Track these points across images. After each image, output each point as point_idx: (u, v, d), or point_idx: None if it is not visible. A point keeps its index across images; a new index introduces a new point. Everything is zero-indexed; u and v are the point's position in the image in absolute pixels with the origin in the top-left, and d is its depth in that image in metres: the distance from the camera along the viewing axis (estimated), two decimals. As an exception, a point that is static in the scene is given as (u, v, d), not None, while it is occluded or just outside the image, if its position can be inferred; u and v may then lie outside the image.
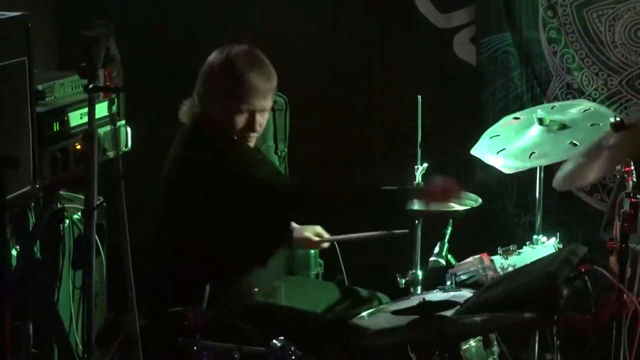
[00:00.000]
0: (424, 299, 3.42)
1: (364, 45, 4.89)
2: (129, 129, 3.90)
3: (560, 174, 3.69)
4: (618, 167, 3.48)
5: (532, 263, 3.81)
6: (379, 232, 4.06)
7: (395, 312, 3.49)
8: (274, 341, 3.19)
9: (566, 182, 3.79)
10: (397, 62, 4.94)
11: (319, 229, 4.03)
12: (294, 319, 3.68)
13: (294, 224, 3.95)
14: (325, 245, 4.08)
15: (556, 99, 4.67)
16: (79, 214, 3.99)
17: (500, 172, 4.18)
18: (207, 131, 3.51)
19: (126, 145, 3.90)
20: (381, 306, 3.77)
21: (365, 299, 3.93)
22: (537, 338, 4.00)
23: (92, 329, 3.36)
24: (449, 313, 3.41)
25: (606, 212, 4.25)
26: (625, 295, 3.36)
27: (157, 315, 3.41)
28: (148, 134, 4.14)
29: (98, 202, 3.41)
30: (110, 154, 3.69)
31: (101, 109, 3.46)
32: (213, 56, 3.54)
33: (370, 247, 4.10)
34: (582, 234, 4.45)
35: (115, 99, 3.60)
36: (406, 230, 4.08)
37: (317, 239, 4.02)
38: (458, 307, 3.48)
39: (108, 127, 3.56)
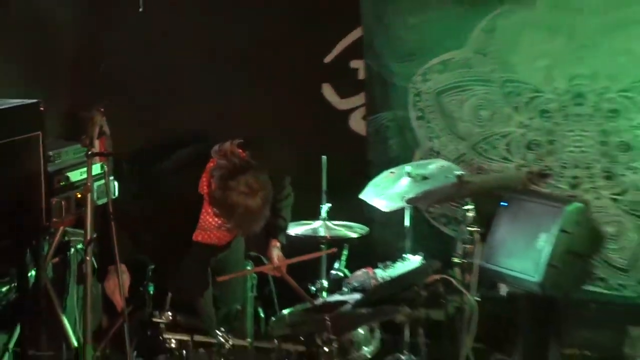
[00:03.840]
0: (325, 300, 4.08)
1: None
2: (115, 183, 4.21)
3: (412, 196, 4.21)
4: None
5: (403, 273, 4.39)
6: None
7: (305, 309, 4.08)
8: None
9: (413, 201, 4.34)
10: (309, 132, 5.35)
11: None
12: None
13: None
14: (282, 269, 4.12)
15: (422, 159, 5.13)
16: (81, 244, 4.34)
17: (382, 211, 4.69)
18: None
19: (114, 194, 4.14)
20: (298, 306, 4.23)
21: None
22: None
23: (89, 330, 3.59)
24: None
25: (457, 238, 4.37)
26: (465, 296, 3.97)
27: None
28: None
29: (94, 236, 3.63)
30: (99, 202, 3.85)
31: (95, 169, 3.66)
32: None
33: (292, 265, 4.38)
34: (441, 253, 4.60)
35: (105, 162, 3.83)
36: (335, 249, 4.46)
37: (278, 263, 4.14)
38: (349, 304, 3.94)
39: (100, 182, 3.78)
